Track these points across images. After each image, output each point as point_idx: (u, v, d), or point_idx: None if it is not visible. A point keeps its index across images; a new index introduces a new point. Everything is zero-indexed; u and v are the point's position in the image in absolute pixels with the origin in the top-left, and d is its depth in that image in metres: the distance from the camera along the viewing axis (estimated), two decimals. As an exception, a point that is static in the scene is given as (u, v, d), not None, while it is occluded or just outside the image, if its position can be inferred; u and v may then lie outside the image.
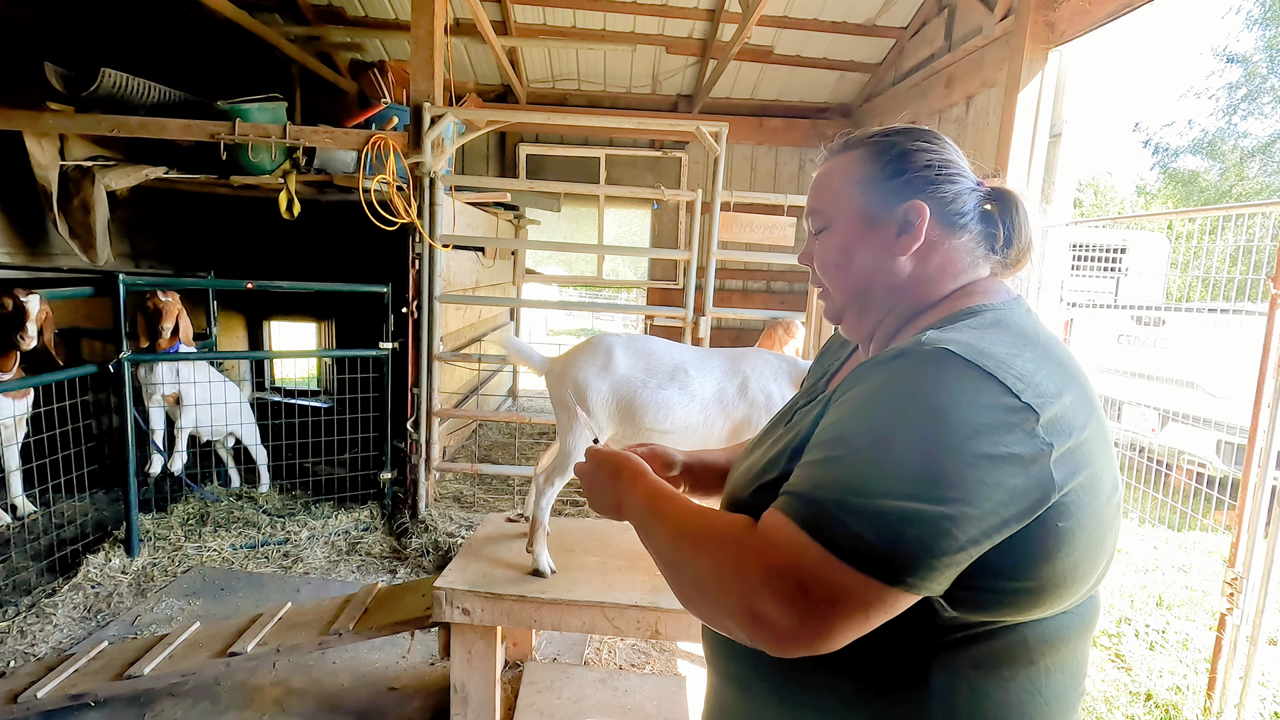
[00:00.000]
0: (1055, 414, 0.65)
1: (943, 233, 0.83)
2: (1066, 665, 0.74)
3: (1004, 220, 0.85)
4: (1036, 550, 0.65)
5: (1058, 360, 0.71)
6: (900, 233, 0.83)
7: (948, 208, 0.83)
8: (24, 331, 3.17)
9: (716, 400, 2.11)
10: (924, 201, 0.82)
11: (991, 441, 0.62)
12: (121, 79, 3.60)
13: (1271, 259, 2.29)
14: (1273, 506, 2.29)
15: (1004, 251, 0.85)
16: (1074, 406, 0.68)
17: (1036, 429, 0.64)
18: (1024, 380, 0.66)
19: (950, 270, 0.84)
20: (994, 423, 0.63)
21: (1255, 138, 14.71)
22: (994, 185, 0.87)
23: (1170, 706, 2.43)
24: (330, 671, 2.59)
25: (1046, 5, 3.78)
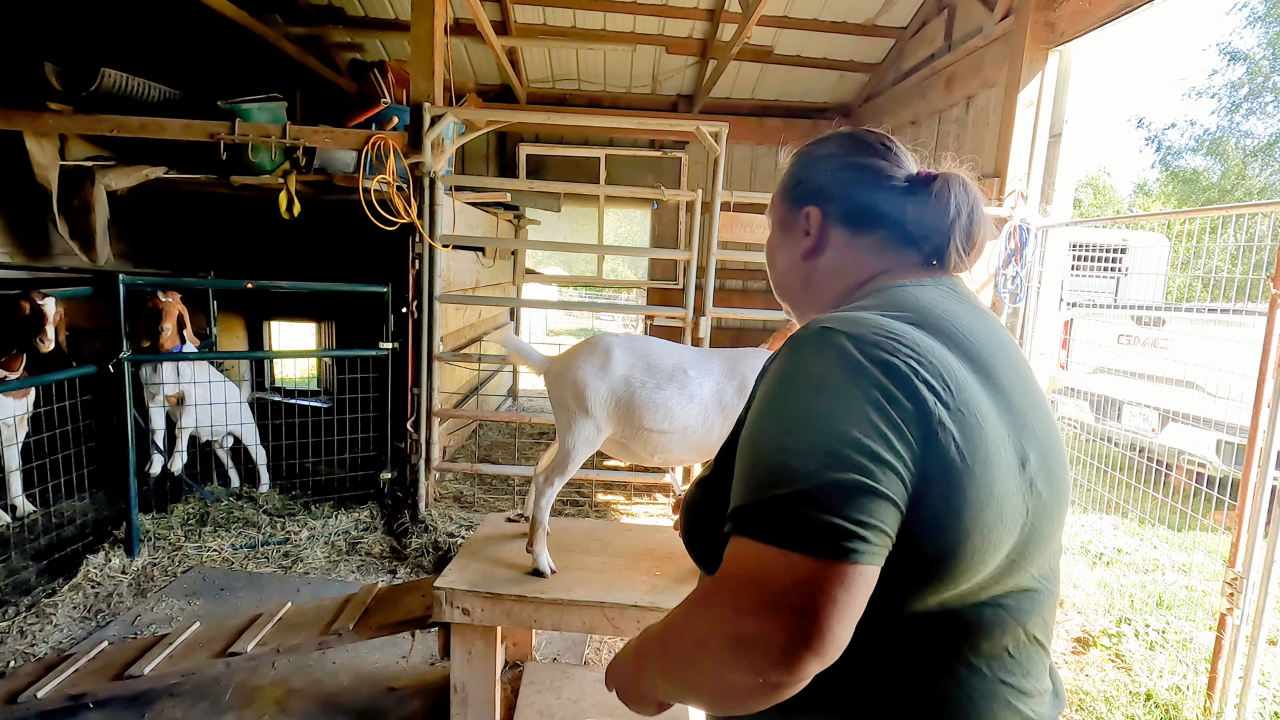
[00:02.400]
0: (933, 380, 0.67)
1: (848, 233, 0.88)
2: (994, 660, 0.72)
3: (920, 210, 0.86)
4: (925, 512, 0.64)
5: (942, 329, 0.73)
6: (806, 235, 0.90)
7: (852, 208, 0.88)
8: (43, 334, 3.18)
9: (715, 400, 2.11)
10: (819, 206, 0.89)
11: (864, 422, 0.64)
12: (121, 79, 3.60)
13: (1272, 259, 2.28)
14: (1273, 506, 2.29)
15: (930, 241, 0.86)
16: (953, 369, 0.69)
17: (909, 403, 0.65)
18: (910, 349, 0.68)
19: (862, 265, 0.87)
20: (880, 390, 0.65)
21: (1257, 137, 14.71)
22: (918, 173, 0.89)
23: (1170, 706, 2.43)
24: (330, 671, 2.59)
25: (1046, 5, 3.78)
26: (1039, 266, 3.93)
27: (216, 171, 3.72)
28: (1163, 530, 3.98)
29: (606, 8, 5.49)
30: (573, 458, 2.10)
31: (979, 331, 0.75)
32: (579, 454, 2.10)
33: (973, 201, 0.86)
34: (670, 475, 4.04)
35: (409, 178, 3.69)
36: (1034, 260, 3.90)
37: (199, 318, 4.57)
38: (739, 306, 6.61)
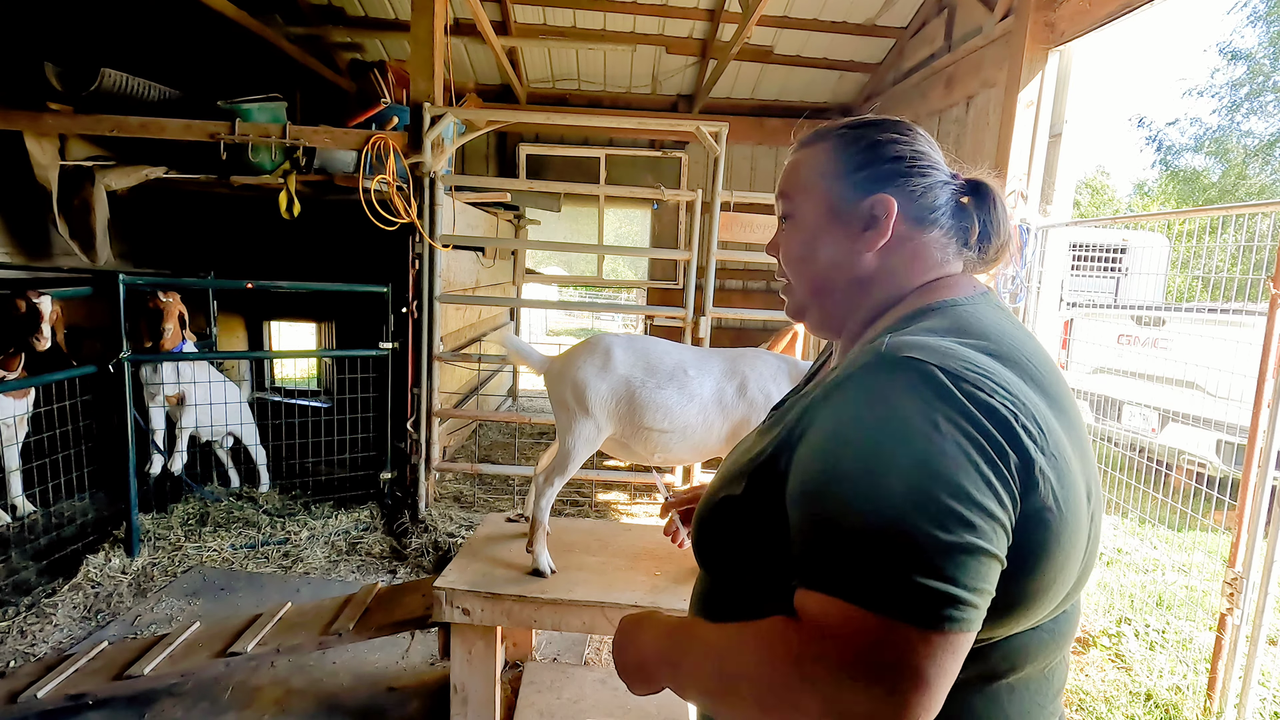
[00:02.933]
0: (1026, 427, 0.62)
1: (911, 228, 0.80)
2: (1032, 682, 0.70)
3: (979, 215, 0.82)
4: (1016, 561, 0.61)
5: (1016, 360, 0.68)
6: (866, 227, 0.80)
7: (917, 202, 0.80)
8: (39, 333, 3.18)
9: (715, 400, 2.11)
10: (891, 195, 0.80)
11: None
12: (121, 78, 3.60)
13: (1272, 259, 2.28)
14: (1273, 506, 2.29)
15: (979, 247, 0.82)
16: (1040, 408, 0.64)
17: (1003, 445, 0.60)
18: (997, 389, 0.63)
19: (918, 266, 0.81)
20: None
21: (1257, 136, 14.71)
22: (970, 178, 0.84)
23: (1170, 706, 2.43)
24: (330, 671, 2.59)
25: (1046, 5, 3.78)
26: (1039, 266, 3.93)
27: (216, 171, 3.72)
28: (1163, 530, 3.98)
29: (606, 8, 5.49)
30: (573, 458, 2.10)
31: (1038, 354, 0.71)
32: (579, 454, 2.10)
33: (1005, 204, 0.84)
34: (670, 475, 4.04)
35: (409, 178, 3.69)
36: (1034, 260, 3.90)
37: (199, 318, 4.57)
38: (739, 306, 6.61)
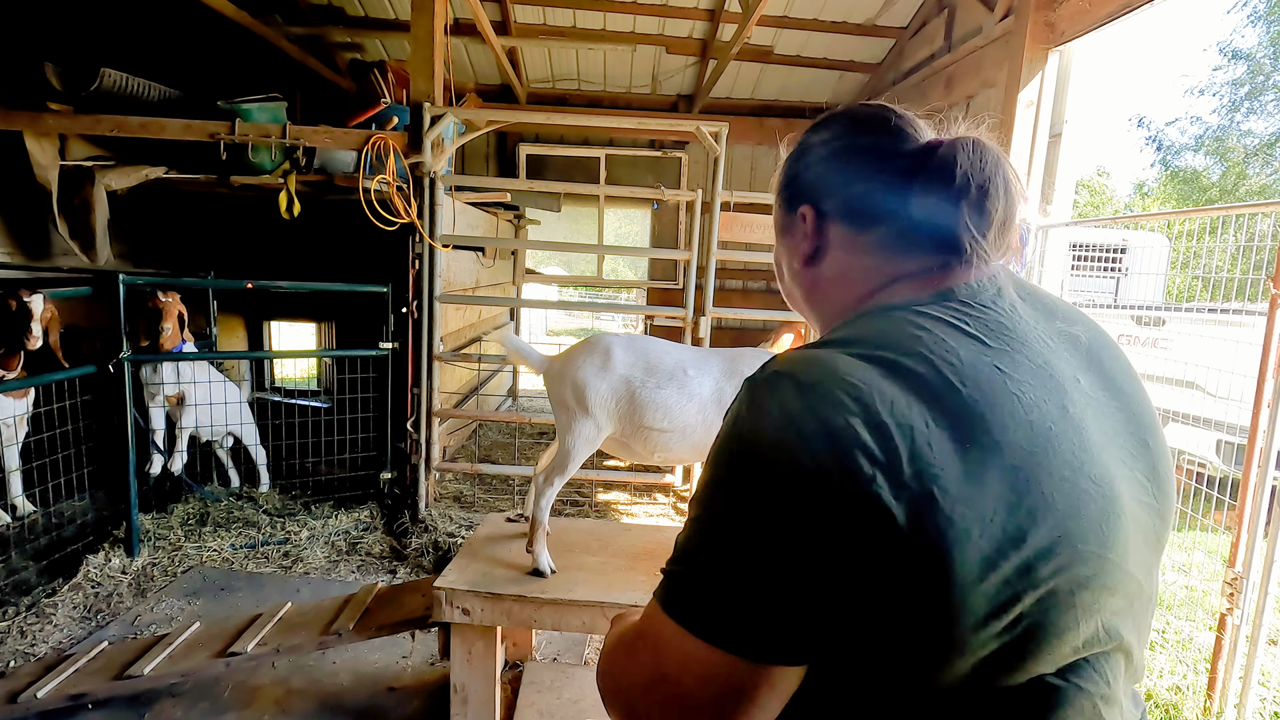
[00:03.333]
0: (925, 442, 0.55)
1: (848, 232, 0.73)
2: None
3: (939, 187, 0.69)
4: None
5: (912, 371, 0.58)
6: (802, 238, 0.76)
7: (849, 202, 0.73)
8: (29, 333, 3.17)
9: (715, 399, 2.11)
10: (812, 204, 0.75)
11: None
12: (121, 78, 3.60)
13: (1272, 259, 2.28)
14: (1273, 506, 2.29)
15: (942, 231, 0.69)
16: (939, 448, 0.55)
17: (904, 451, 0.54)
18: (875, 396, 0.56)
19: (867, 272, 0.72)
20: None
21: (1258, 136, 14.71)
22: (932, 143, 0.72)
23: (1170, 706, 2.43)
24: (330, 671, 2.59)
25: (1046, 5, 3.78)
26: (1039, 267, 3.93)
27: (216, 171, 3.72)
28: (1163, 530, 3.97)
29: (606, 8, 5.49)
30: (573, 457, 2.10)
31: (977, 373, 0.59)
32: (579, 454, 2.10)
33: (989, 168, 0.69)
34: (670, 475, 4.04)
35: (409, 178, 3.69)
36: (1034, 260, 3.90)
37: (199, 318, 4.57)
38: (739, 306, 6.61)
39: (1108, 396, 0.67)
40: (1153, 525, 0.65)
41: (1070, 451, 0.59)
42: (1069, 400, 0.62)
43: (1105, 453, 0.62)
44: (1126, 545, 0.61)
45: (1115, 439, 0.65)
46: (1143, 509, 0.64)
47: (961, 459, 0.55)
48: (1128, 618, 0.62)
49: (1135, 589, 0.62)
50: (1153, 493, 0.66)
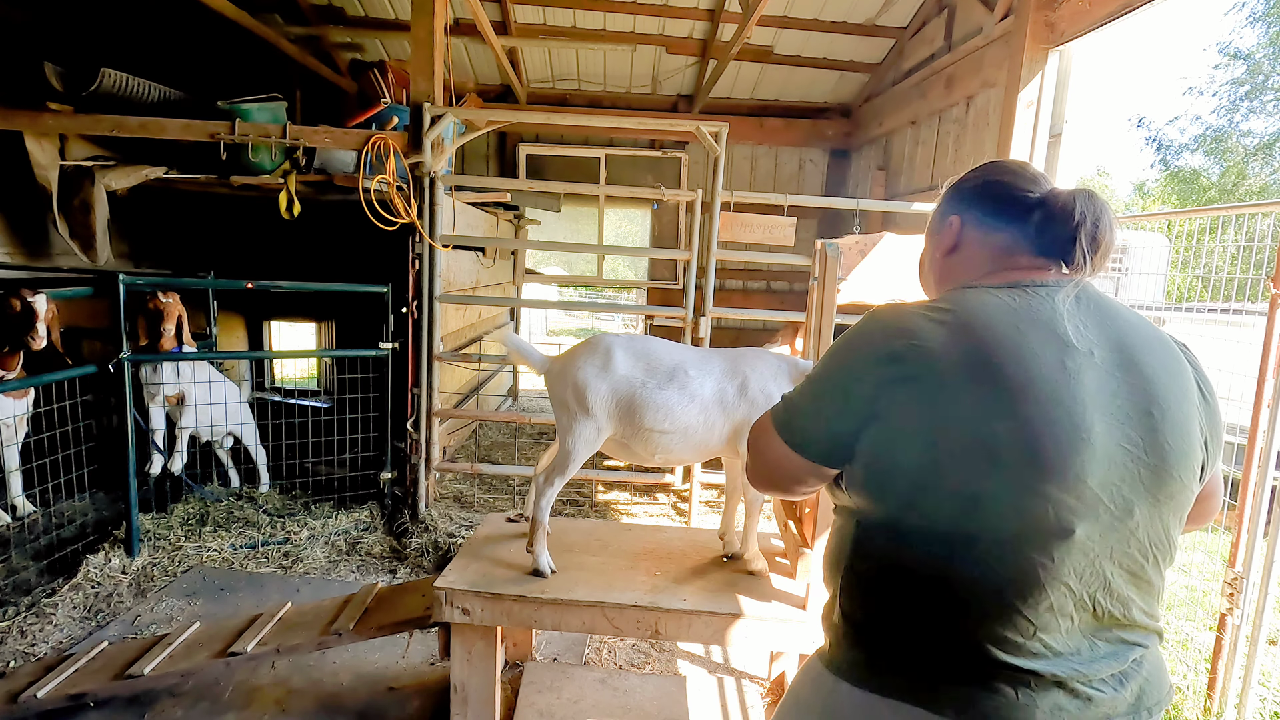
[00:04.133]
0: (899, 354, 0.91)
1: (979, 234, 1.08)
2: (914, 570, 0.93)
3: (1060, 216, 1.00)
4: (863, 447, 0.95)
5: (962, 324, 0.92)
6: (948, 237, 1.11)
7: (982, 216, 1.07)
8: (34, 332, 3.17)
9: (717, 400, 2.10)
10: (959, 215, 1.10)
11: (844, 369, 0.98)
12: (121, 78, 3.60)
13: (1272, 259, 2.29)
14: (1273, 506, 2.29)
15: (1060, 245, 1.00)
16: (929, 350, 0.90)
17: (870, 358, 0.94)
18: (904, 332, 0.92)
19: (979, 264, 1.07)
20: (861, 355, 0.95)
21: (1257, 136, 14.71)
22: (1047, 195, 1.03)
23: (1170, 706, 2.43)
24: (330, 671, 2.59)
25: (1046, 5, 3.78)
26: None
27: (216, 171, 3.72)
28: (1163, 530, 3.97)
29: (606, 8, 5.49)
30: (573, 458, 2.10)
31: (996, 326, 0.91)
32: (579, 454, 2.10)
33: (1099, 210, 0.99)
34: (670, 475, 4.04)
35: (409, 178, 3.69)
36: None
37: (199, 318, 4.57)
38: (739, 306, 6.61)
39: (1121, 372, 0.91)
40: (1139, 473, 0.88)
41: (1052, 388, 0.87)
42: (1069, 358, 0.89)
43: (1090, 400, 0.87)
44: (1086, 466, 0.85)
45: (1110, 398, 0.89)
46: (1125, 455, 0.88)
47: (964, 364, 0.88)
48: (1087, 522, 0.86)
49: (1092, 503, 0.86)
50: (1143, 449, 0.89)
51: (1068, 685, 0.87)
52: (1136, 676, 0.92)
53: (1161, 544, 0.92)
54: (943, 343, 0.90)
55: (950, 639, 0.90)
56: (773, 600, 2.02)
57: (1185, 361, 0.97)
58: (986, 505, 0.86)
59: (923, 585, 0.91)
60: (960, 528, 0.88)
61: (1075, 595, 0.88)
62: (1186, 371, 0.96)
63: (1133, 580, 0.91)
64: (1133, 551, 0.90)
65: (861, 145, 6.77)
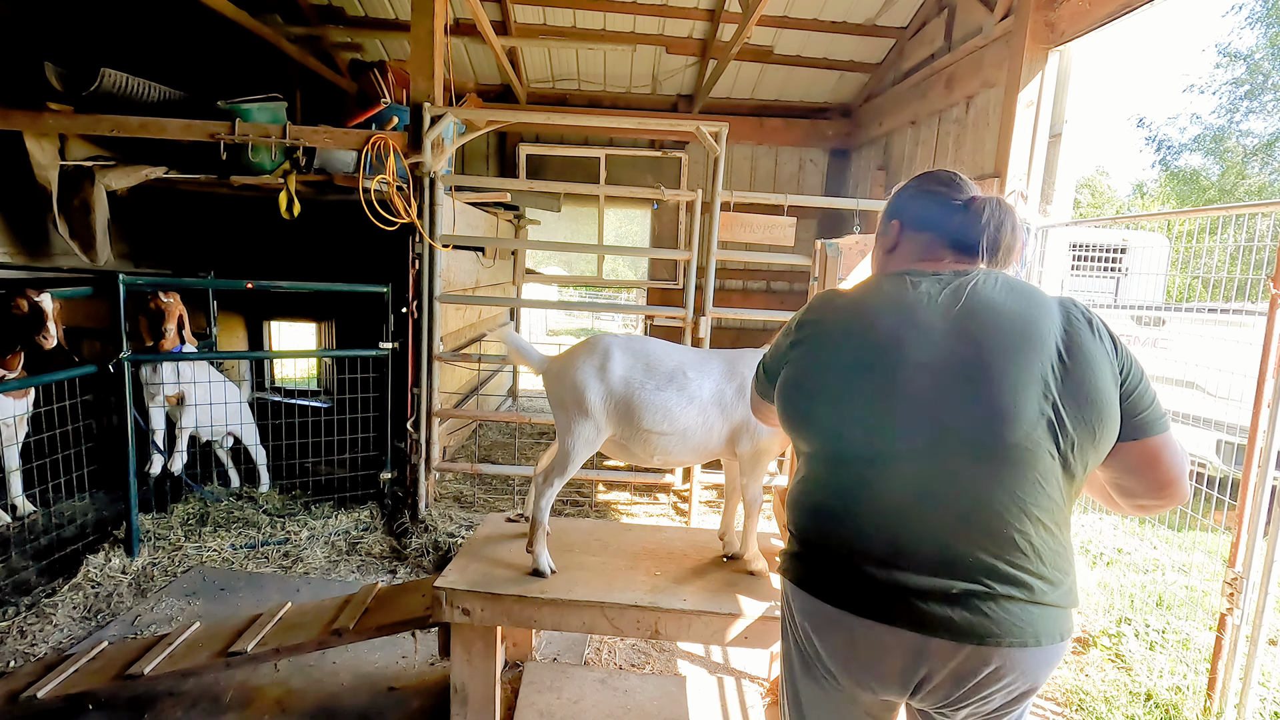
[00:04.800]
0: (804, 322, 1.30)
1: (910, 235, 1.32)
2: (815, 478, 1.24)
3: (971, 221, 1.24)
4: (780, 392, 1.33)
5: (851, 303, 1.25)
6: (890, 237, 1.36)
7: (913, 219, 1.32)
8: (45, 331, 3.17)
9: (715, 401, 2.10)
10: (899, 219, 1.34)
11: (784, 331, 1.37)
12: (121, 79, 3.60)
13: (1272, 259, 2.29)
14: (1273, 506, 2.29)
15: (969, 243, 1.24)
16: (819, 322, 1.27)
17: (792, 327, 1.33)
18: (808, 306, 1.32)
19: (907, 258, 1.30)
20: (789, 324, 1.36)
21: (1257, 136, 14.71)
22: (966, 198, 1.26)
23: (1170, 706, 2.43)
24: (330, 671, 2.59)
25: (1046, 5, 3.78)
26: (1039, 266, 3.93)
27: (216, 171, 3.72)
28: (1163, 530, 3.98)
29: (606, 8, 5.49)
30: (572, 458, 2.10)
31: (888, 316, 1.18)
32: (578, 455, 2.10)
33: (1002, 216, 1.22)
34: (670, 475, 4.04)
35: (409, 178, 3.69)
36: (1034, 260, 3.90)
37: (199, 318, 4.57)
38: (739, 306, 6.61)
39: (955, 342, 1.11)
40: (969, 428, 1.08)
41: (880, 349, 1.15)
42: (905, 331, 1.15)
43: (910, 363, 1.12)
44: (894, 410, 1.12)
45: (937, 362, 1.11)
46: (948, 410, 1.09)
47: (833, 333, 1.24)
48: (899, 453, 1.11)
49: (903, 437, 1.11)
50: (976, 408, 1.08)
51: (895, 588, 1.09)
52: (966, 603, 1.06)
53: (1002, 494, 1.06)
54: (830, 317, 1.25)
55: (811, 536, 1.22)
56: (773, 600, 2.02)
57: (1046, 335, 1.10)
58: (815, 428, 1.22)
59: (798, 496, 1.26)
60: (808, 447, 1.24)
61: (896, 514, 1.11)
62: (1036, 345, 1.09)
63: (961, 520, 1.08)
64: (957, 491, 1.08)
65: (861, 145, 6.77)
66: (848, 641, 1.14)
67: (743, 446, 2.10)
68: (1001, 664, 1.07)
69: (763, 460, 2.12)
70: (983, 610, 1.06)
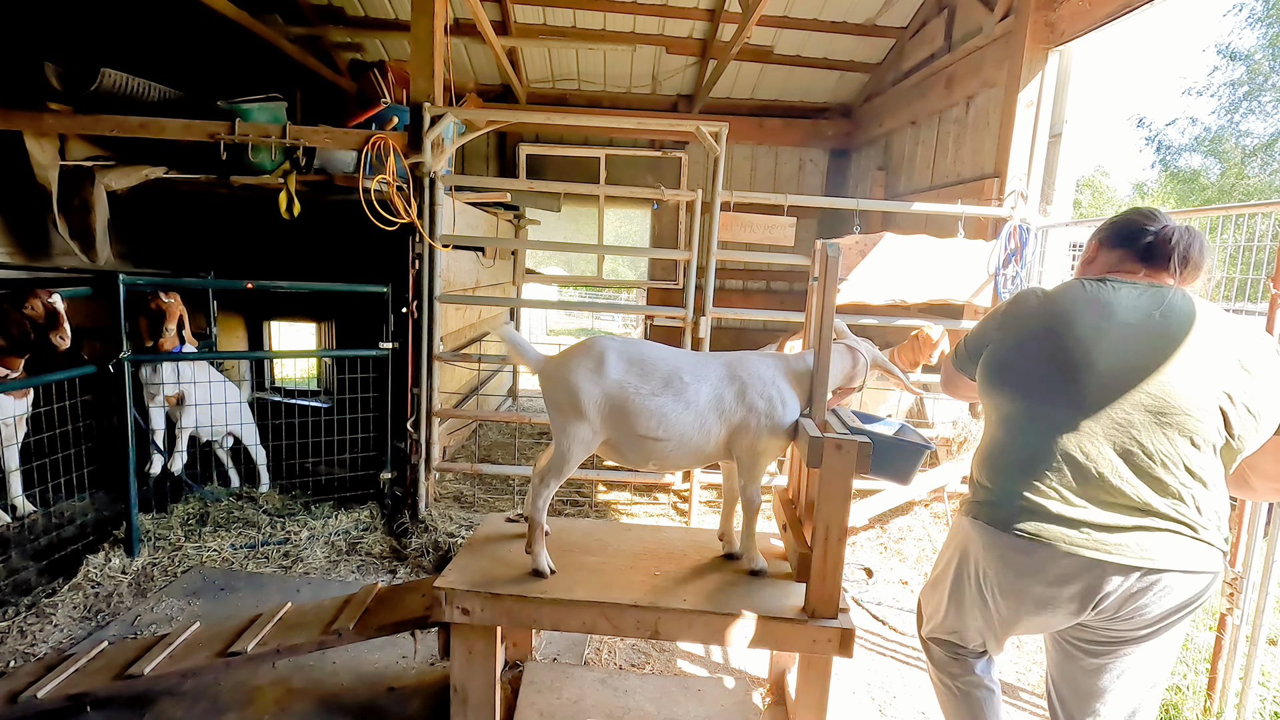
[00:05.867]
0: (1016, 308, 1.62)
1: (1105, 251, 1.65)
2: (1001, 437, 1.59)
3: (1136, 244, 1.58)
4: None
5: (1068, 296, 1.55)
6: (1091, 252, 1.71)
7: (1109, 240, 1.64)
8: (60, 331, 3.17)
9: (713, 407, 2.07)
10: (1097, 240, 1.68)
11: (989, 316, 1.72)
12: (121, 78, 3.60)
13: (1271, 258, 2.29)
14: (1273, 507, 2.29)
15: (1160, 260, 1.54)
16: (1031, 310, 1.58)
17: (999, 315, 1.67)
18: (1017, 298, 1.65)
19: (1102, 269, 1.64)
20: (997, 307, 1.70)
21: (1256, 136, 14.71)
22: (1159, 230, 1.57)
23: (1170, 706, 2.43)
24: (330, 671, 2.59)
25: (1046, 5, 3.78)
26: (1039, 266, 3.93)
27: (216, 171, 3.72)
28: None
29: (606, 8, 5.49)
30: (568, 460, 2.08)
31: (1079, 298, 1.52)
32: (574, 456, 2.09)
33: (1190, 239, 1.52)
34: (670, 475, 4.04)
35: (409, 178, 3.69)
36: (1034, 260, 3.90)
37: (199, 318, 4.57)
38: (739, 306, 6.61)
39: (1145, 337, 1.43)
40: (1138, 396, 1.40)
41: (1081, 334, 1.47)
42: (1104, 322, 1.46)
43: (1108, 346, 1.44)
44: (1088, 380, 1.44)
45: (1128, 347, 1.43)
46: (1125, 380, 1.42)
47: (1037, 316, 1.56)
48: (1088, 417, 1.44)
49: (1092, 406, 1.44)
50: (1145, 380, 1.40)
51: (1081, 526, 1.40)
52: (1135, 536, 1.38)
53: (1170, 454, 1.37)
54: (1036, 303, 1.57)
55: (1004, 485, 1.52)
56: (773, 600, 2.02)
57: (1244, 351, 1.39)
58: (1028, 397, 1.52)
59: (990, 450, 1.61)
60: (1016, 412, 1.54)
61: (1084, 464, 1.42)
62: (1220, 350, 1.39)
63: (1135, 470, 1.39)
64: (1134, 449, 1.39)
65: (861, 145, 6.77)
66: (1037, 567, 1.44)
67: (741, 449, 2.09)
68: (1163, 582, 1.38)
69: (760, 462, 2.11)
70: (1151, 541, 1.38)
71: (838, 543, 1.89)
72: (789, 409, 2.07)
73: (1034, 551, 1.43)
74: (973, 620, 1.62)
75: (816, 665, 2.00)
